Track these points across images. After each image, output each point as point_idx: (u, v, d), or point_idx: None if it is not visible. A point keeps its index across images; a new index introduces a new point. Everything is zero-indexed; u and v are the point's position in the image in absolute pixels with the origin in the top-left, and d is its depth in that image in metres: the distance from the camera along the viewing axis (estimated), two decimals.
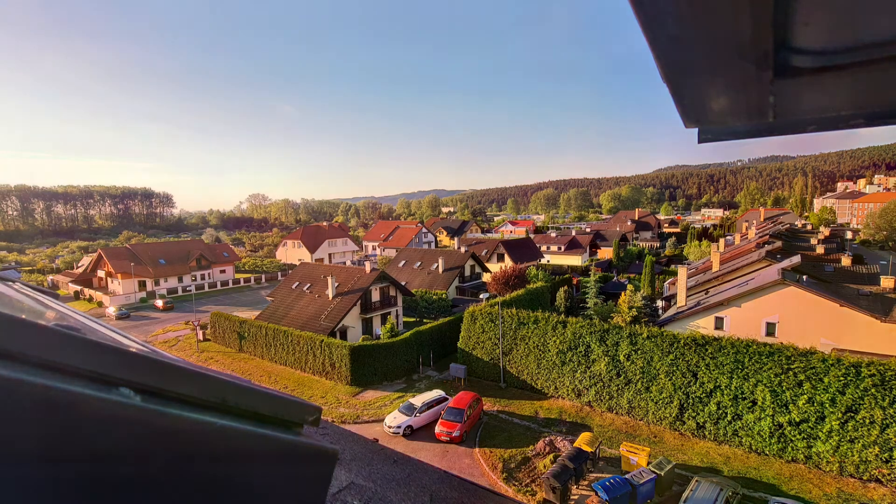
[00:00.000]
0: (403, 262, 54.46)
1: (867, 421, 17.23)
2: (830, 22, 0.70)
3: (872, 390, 17.19)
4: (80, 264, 75.08)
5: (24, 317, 0.59)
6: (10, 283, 1.93)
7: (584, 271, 59.13)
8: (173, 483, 0.62)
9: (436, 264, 50.96)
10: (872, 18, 0.68)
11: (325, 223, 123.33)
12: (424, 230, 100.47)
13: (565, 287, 42.30)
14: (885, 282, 29.71)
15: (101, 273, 60.83)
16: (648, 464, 17.56)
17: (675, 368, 21.24)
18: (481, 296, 46.07)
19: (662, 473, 16.77)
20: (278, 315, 37.04)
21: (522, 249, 63.88)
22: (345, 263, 69.34)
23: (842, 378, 17.75)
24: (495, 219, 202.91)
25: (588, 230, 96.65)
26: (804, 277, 27.76)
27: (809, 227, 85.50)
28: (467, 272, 51.91)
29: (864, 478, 17.38)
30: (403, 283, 43.64)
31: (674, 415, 21.27)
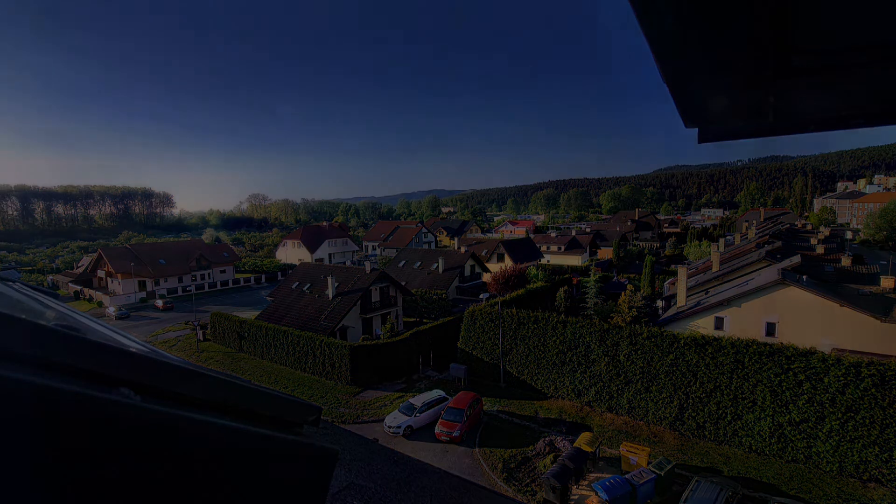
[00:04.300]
0: (403, 262, 54.46)
1: (867, 421, 17.23)
2: (830, 22, 0.70)
3: (872, 390, 17.19)
4: (80, 264, 75.07)
5: (24, 317, 0.59)
6: (10, 283, 1.93)
7: (584, 271, 59.11)
8: (173, 483, 0.62)
9: (436, 264, 50.96)
10: (872, 19, 0.68)
11: (325, 223, 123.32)
12: (424, 230, 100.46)
13: (565, 287, 42.28)
14: (885, 282, 29.71)
15: (101, 273, 60.84)
16: (648, 464, 17.56)
17: (675, 368, 21.24)
18: (481, 296, 46.08)
19: (662, 473, 16.76)
20: (278, 315, 37.04)
21: (522, 249, 63.88)
22: (345, 263, 69.35)
23: (842, 378, 17.75)
24: (495, 219, 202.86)
25: (588, 230, 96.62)
26: (804, 277, 27.76)
27: (809, 227, 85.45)
28: (467, 272, 51.91)
29: (864, 478, 17.38)
30: (403, 283, 43.65)
31: (674, 415, 21.27)
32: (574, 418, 23.08)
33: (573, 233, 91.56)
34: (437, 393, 24.26)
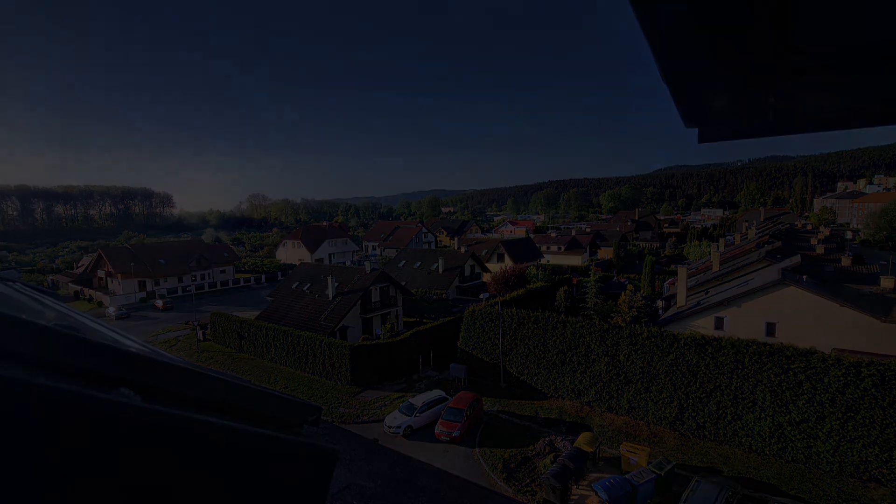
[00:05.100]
0: (403, 262, 54.46)
1: (867, 421, 17.23)
2: (830, 22, 0.70)
3: (872, 390, 17.19)
4: (80, 264, 75.09)
5: (24, 317, 0.59)
6: (10, 283, 1.93)
7: (584, 271, 59.14)
8: (173, 483, 0.62)
9: (436, 264, 50.96)
10: (872, 20, 0.68)
11: (325, 223, 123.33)
12: (424, 230, 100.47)
13: (565, 287, 42.29)
14: (885, 282, 29.70)
15: (101, 273, 60.86)
16: (648, 464, 17.56)
17: (675, 368, 21.24)
18: (481, 296, 46.07)
19: (662, 473, 16.77)
20: (278, 315, 37.04)
21: (522, 249, 63.89)
22: (345, 263, 69.35)
23: (842, 378, 17.75)
24: (495, 219, 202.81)
25: (588, 230, 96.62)
26: (804, 277, 27.75)
27: (809, 227, 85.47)
28: (467, 272, 51.91)
29: (864, 478, 17.38)
30: (403, 283, 43.65)
31: (674, 415, 21.27)
32: (574, 418, 23.08)
33: (573, 233, 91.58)
34: (437, 393, 24.26)
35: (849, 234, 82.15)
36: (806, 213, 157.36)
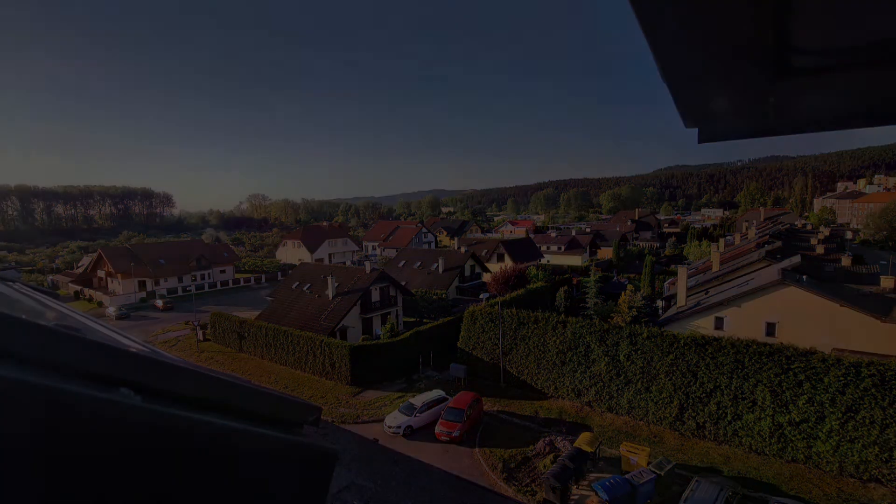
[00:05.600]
0: (403, 262, 54.46)
1: (867, 421, 17.23)
2: (830, 22, 0.70)
3: (872, 390, 17.20)
4: (80, 264, 75.10)
5: (24, 317, 0.59)
6: (10, 283, 1.93)
7: (584, 271, 59.10)
8: (173, 484, 0.62)
9: (436, 264, 50.96)
10: (872, 19, 0.68)
11: (325, 223, 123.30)
12: (424, 230, 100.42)
13: (565, 287, 42.29)
14: (885, 282, 29.69)
15: (101, 273, 60.86)
16: (648, 464, 17.56)
17: (675, 368, 21.24)
18: (481, 296, 46.06)
19: (662, 473, 16.77)
20: (278, 315, 37.04)
21: (522, 249, 63.86)
22: (345, 263, 69.33)
23: (842, 378, 17.76)
24: (495, 219, 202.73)
25: (588, 230, 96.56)
26: (804, 277, 27.75)
27: (809, 227, 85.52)
28: (467, 272, 51.90)
29: (864, 478, 17.38)
30: (403, 283, 43.64)
31: (674, 415, 21.27)
32: (574, 418, 23.08)
33: (573, 233, 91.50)
34: (437, 393, 24.27)
35: (849, 234, 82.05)
36: (806, 213, 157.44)
